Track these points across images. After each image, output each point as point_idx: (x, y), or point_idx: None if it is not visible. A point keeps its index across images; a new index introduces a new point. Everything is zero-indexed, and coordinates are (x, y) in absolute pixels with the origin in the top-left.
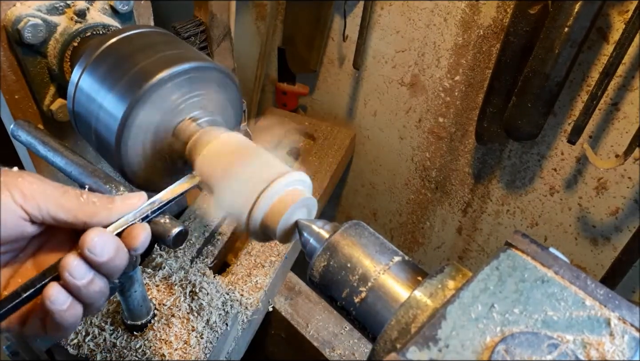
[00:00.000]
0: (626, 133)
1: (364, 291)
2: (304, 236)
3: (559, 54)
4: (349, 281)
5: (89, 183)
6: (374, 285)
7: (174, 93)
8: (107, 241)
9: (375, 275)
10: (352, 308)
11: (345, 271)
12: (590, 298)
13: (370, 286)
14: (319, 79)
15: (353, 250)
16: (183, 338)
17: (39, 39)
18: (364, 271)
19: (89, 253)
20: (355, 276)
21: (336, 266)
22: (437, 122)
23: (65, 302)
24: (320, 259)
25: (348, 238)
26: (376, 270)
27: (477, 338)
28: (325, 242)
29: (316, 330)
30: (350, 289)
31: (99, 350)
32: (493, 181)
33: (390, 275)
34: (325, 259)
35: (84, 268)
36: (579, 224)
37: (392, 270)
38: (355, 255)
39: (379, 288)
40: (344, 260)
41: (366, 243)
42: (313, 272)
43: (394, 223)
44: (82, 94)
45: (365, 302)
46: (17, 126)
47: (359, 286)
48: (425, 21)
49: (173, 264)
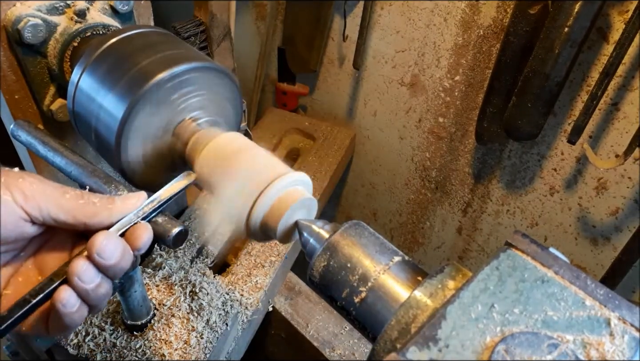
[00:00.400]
0: (626, 133)
1: (364, 291)
2: (304, 236)
3: (559, 54)
4: (349, 281)
5: (89, 183)
6: (374, 285)
7: (174, 93)
8: (116, 244)
9: (375, 275)
10: (352, 308)
11: (345, 271)
12: (590, 298)
13: (370, 286)
14: (319, 79)
15: (353, 250)
16: (183, 338)
17: (39, 39)
18: (364, 271)
19: (98, 257)
20: (355, 276)
21: (336, 266)
22: (437, 122)
23: (75, 305)
24: (320, 260)
25: (348, 238)
26: (376, 270)
27: (477, 338)
28: (325, 242)
29: (316, 330)
30: (350, 289)
31: (99, 350)
32: (493, 181)
33: (390, 275)
34: (325, 259)
35: (93, 272)
36: (579, 224)
37: (392, 270)
38: (355, 255)
39: (379, 288)
40: (344, 260)
41: (366, 242)
42: (313, 272)
43: (394, 223)
44: (82, 94)
45: (365, 302)
46: (17, 126)
47: (359, 286)
48: (425, 21)
49: (173, 264)
